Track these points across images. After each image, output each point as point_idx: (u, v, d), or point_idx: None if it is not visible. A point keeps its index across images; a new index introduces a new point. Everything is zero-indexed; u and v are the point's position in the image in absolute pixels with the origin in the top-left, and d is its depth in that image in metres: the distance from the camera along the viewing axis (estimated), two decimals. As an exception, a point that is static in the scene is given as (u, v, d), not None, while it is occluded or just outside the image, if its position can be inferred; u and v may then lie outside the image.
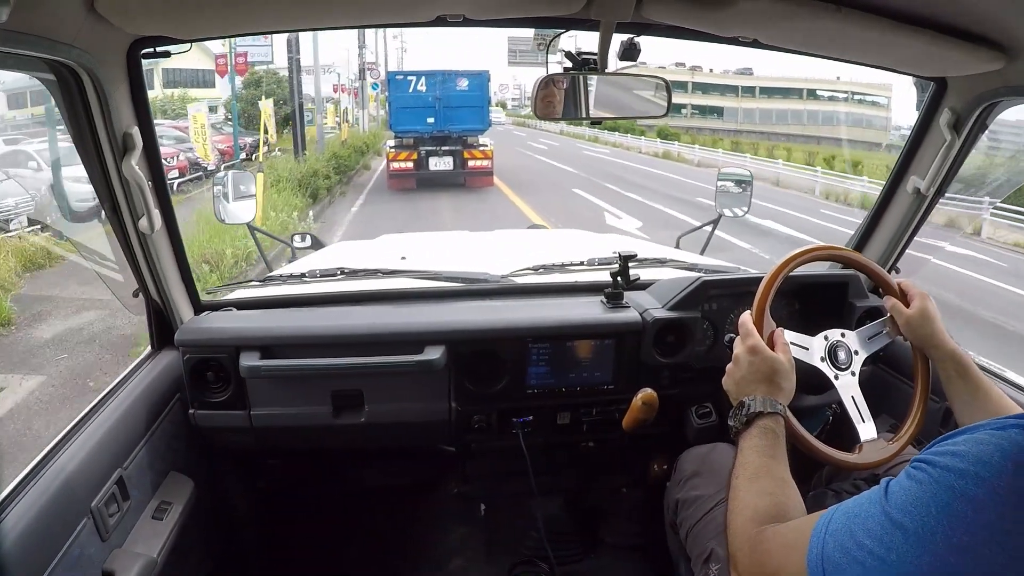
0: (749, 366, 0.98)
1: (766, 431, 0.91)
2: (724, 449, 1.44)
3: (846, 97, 37.13)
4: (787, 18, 1.06)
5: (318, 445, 1.72)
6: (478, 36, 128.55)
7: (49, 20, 0.87)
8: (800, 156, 23.93)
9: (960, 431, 0.66)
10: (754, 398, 0.94)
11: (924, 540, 0.60)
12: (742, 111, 41.35)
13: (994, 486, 0.58)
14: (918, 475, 0.64)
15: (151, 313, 1.46)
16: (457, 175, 13.30)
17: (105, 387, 1.33)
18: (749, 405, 0.94)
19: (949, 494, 0.60)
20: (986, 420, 0.66)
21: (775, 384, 0.96)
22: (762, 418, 0.92)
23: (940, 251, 6.92)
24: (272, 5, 1.04)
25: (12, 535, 0.91)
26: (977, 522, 0.58)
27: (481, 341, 1.50)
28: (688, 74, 41.62)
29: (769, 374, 0.97)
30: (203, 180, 12.42)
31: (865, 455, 1.11)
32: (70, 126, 1.10)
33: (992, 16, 1.03)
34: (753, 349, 0.98)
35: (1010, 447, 0.59)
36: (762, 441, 0.90)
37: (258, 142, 14.74)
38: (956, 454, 0.62)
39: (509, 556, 1.81)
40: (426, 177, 13.01)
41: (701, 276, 1.56)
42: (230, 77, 15.06)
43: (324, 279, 1.76)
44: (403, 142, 13.27)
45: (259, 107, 14.72)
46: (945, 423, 1.42)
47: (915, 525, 0.61)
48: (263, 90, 20.98)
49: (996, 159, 2.27)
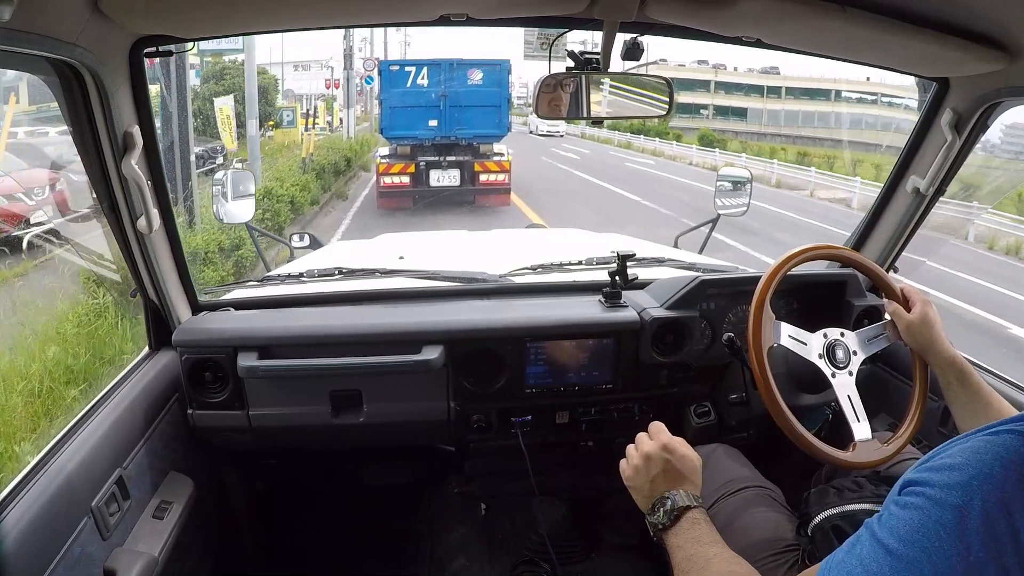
0: (664, 464, 0.95)
1: (697, 522, 0.89)
2: (726, 449, 1.45)
3: (874, 99, 34.60)
4: (790, 18, 1.06)
5: (317, 445, 1.72)
6: (489, 28, 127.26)
7: (52, 19, 0.87)
8: (842, 165, 20.54)
9: (952, 442, 0.63)
10: (676, 493, 0.92)
11: (939, 567, 0.57)
12: (767, 112, 38.66)
13: (1000, 497, 0.56)
14: (914, 501, 0.61)
15: (148, 313, 1.46)
16: (465, 193, 10.50)
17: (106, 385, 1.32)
18: (674, 500, 0.91)
19: (954, 512, 0.57)
20: (977, 427, 0.63)
21: (692, 483, 0.95)
22: (688, 512, 0.90)
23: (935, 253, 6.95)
24: (275, 4, 1.04)
25: (13, 534, 0.91)
26: (989, 536, 0.56)
27: (479, 340, 1.49)
28: (711, 72, 38.91)
29: (690, 472, 0.95)
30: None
31: (859, 455, 1.12)
32: (71, 125, 1.09)
33: (995, 17, 1.03)
34: (668, 447, 0.97)
35: (1007, 454, 0.58)
36: (698, 532, 0.88)
37: (212, 152, 11.81)
38: (953, 467, 0.60)
39: (510, 556, 1.81)
40: (426, 195, 10.24)
41: (699, 275, 1.57)
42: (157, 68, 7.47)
43: (322, 279, 1.75)
44: (397, 150, 10.50)
45: (215, 106, 10.89)
46: (944, 422, 1.42)
47: (927, 555, 0.57)
48: (226, 84, 16.32)
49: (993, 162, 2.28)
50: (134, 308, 4.13)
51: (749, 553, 0.99)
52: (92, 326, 4.21)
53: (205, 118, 14.16)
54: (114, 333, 4.25)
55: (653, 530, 0.92)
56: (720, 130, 34.01)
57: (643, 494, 0.97)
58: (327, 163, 12.29)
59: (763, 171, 17.24)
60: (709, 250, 2.29)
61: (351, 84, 18.97)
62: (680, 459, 0.96)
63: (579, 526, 1.87)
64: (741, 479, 1.32)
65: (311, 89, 25.34)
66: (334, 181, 12.44)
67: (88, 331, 4.14)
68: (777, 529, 1.18)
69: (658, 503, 0.93)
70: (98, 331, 4.20)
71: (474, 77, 10.19)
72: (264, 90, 16.64)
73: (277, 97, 18.87)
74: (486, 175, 10.37)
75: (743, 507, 1.24)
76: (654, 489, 0.95)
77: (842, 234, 4.66)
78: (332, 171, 12.40)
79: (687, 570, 0.85)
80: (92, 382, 3.69)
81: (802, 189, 16.18)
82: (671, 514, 0.90)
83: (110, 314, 4.33)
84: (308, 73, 25.46)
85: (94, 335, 4.15)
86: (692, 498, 0.92)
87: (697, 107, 37.48)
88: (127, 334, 4.25)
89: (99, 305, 4.38)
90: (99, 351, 4.03)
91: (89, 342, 4.05)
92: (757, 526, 1.19)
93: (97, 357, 3.98)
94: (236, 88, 14.82)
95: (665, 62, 35.77)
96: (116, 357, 3.97)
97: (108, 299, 4.36)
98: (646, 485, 0.96)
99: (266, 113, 16.62)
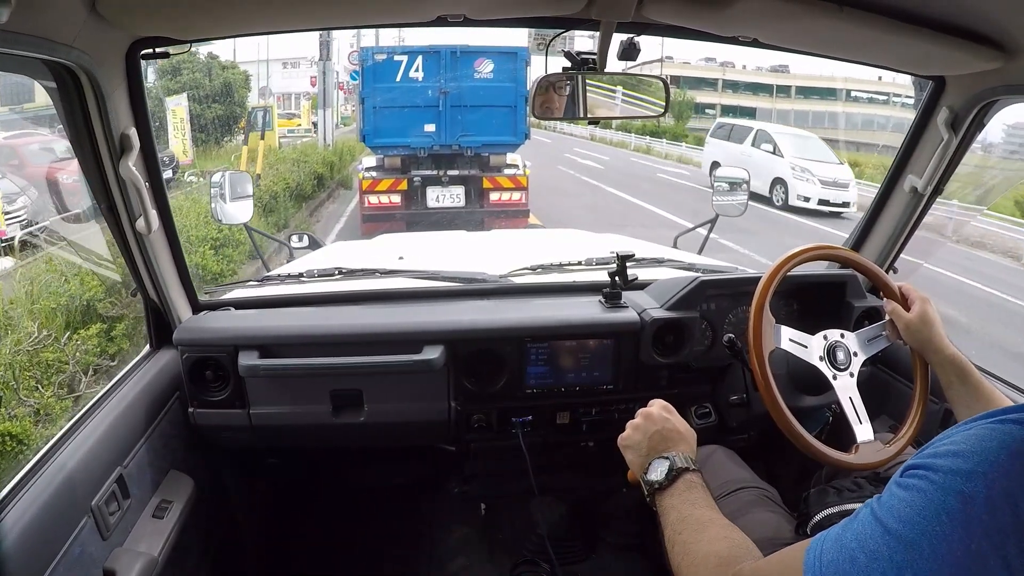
0: (665, 423, 0.97)
1: (693, 485, 0.89)
2: (723, 450, 1.45)
3: (885, 99, 32.68)
4: (787, 18, 1.06)
5: (318, 444, 1.72)
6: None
7: (49, 21, 0.87)
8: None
9: (954, 429, 0.63)
10: (675, 454, 0.92)
11: (938, 551, 0.56)
12: (776, 112, 36.04)
13: (1005, 487, 0.55)
14: (917, 483, 0.60)
15: (149, 312, 1.46)
16: (472, 215, 7.97)
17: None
18: (673, 460, 0.91)
19: (958, 499, 0.56)
20: (980, 414, 0.62)
21: (690, 446, 0.96)
22: (686, 473, 0.90)
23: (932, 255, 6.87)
24: (273, 5, 1.04)
25: (13, 533, 0.91)
26: (993, 525, 0.55)
27: (479, 341, 1.50)
28: (719, 71, 36.83)
29: (688, 435, 0.97)
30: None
31: (861, 456, 1.12)
32: (67, 126, 1.09)
33: (990, 15, 1.03)
34: (668, 408, 0.99)
35: (1013, 443, 0.57)
36: (694, 494, 0.88)
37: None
38: (957, 454, 0.59)
39: (510, 556, 1.81)
40: (422, 219, 7.64)
41: (699, 276, 1.57)
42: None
43: (322, 279, 1.76)
44: (385, 163, 7.92)
45: (167, 108, 9.30)
46: (945, 424, 1.42)
47: (926, 538, 0.57)
48: (183, 81, 13.50)
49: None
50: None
51: None
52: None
53: (158, 122, 10.85)
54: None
55: (648, 489, 0.92)
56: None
57: (640, 452, 0.97)
58: (290, 182, 9.07)
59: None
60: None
61: (328, 78, 14.83)
62: (679, 420, 0.98)
63: (579, 526, 1.87)
64: (739, 480, 1.32)
65: (300, 87, 23.57)
66: (295, 211, 8.97)
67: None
68: (776, 529, 1.18)
69: (655, 462, 0.93)
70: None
71: (483, 69, 7.65)
72: (230, 87, 14.52)
73: (247, 95, 15.99)
74: (497, 193, 7.86)
75: (741, 508, 1.24)
76: (651, 448, 0.95)
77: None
78: (292, 195, 9.04)
79: (680, 531, 0.84)
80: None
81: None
82: (669, 474, 0.90)
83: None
84: (298, 71, 24.28)
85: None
86: (689, 460, 0.92)
87: (702, 106, 36.58)
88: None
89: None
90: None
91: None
92: (756, 526, 1.19)
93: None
94: (195, 85, 13.03)
95: (671, 59, 34.89)
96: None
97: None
98: (644, 443, 0.96)
99: (233, 115, 14.27)
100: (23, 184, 7.00)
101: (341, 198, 11.56)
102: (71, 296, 4.15)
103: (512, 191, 7.86)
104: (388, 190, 7.67)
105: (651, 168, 18.72)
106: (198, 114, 10.26)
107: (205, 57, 14.56)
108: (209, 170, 8.28)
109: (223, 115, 13.70)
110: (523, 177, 7.90)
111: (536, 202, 8.65)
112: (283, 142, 14.76)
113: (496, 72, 7.62)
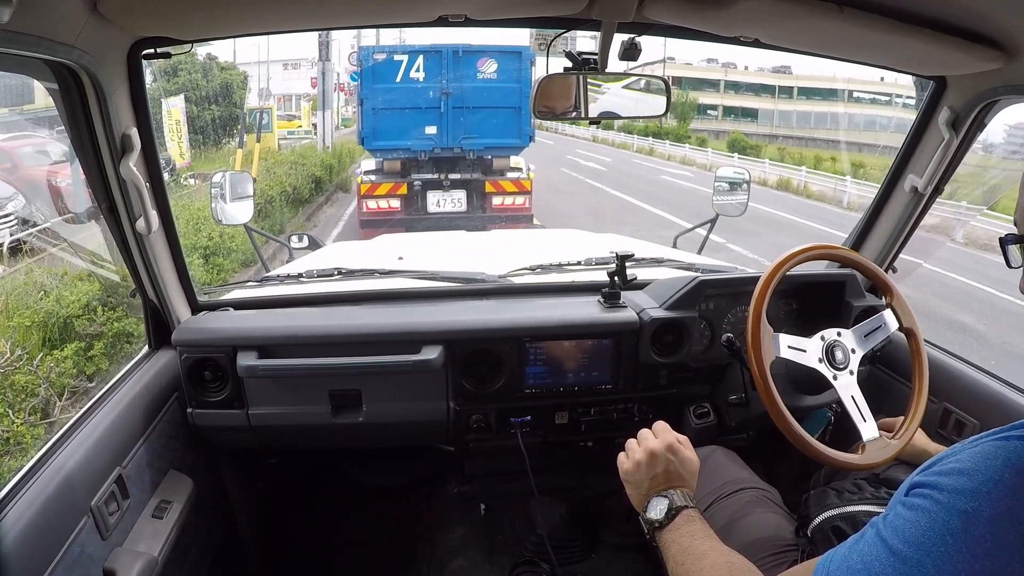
0: (668, 464, 0.97)
1: (692, 519, 0.91)
2: (723, 451, 1.45)
3: (888, 100, 32.46)
4: (788, 18, 1.06)
5: (317, 444, 1.72)
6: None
7: (51, 21, 0.87)
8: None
9: (960, 446, 0.63)
10: (674, 493, 0.94)
11: (943, 571, 0.56)
12: (778, 113, 36.45)
13: (1010, 505, 0.55)
14: (922, 503, 0.60)
15: (148, 313, 1.46)
16: (474, 219, 7.76)
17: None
18: (672, 499, 0.93)
19: (961, 518, 0.56)
20: (986, 432, 0.62)
21: (690, 485, 0.97)
22: (685, 510, 0.92)
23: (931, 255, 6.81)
24: (274, 5, 1.04)
25: (13, 533, 0.91)
26: (996, 544, 0.55)
27: (478, 341, 1.50)
28: (721, 72, 36.83)
29: (689, 475, 0.98)
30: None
31: (868, 455, 1.12)
32: (69, 127, 1.09)
33: (991, 16, 1.03)
34: (672, 449, 0.99)
35: (1018, 461, 0.57)
36: (693, 527, 0.89)
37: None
38: (962, 472, 0.58)
39: (510, 556, 1.81)
40: (422, 223, 7.38)
41: (698, 276, 1.57)
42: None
43: (321, 279, 1.76)
44: (384, 166, 7.82)
45: (164, 110, 9.18)
46: (943, 424, 1.42)
47: (931, 559, 0.57)
48: (180, 82, 13.12)
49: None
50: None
51: (747, 553, 0.99)
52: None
53: (155, 124, 11.27)
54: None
55: (648, 527, 0.94)
56: (749, 134, 31.59)
57: (640, 490, 0.98)
58: (286, 185, 8.89)
59: (829, 187, 15.27)
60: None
61: (327, 79, 14.82)
62: (682, 461, 0.98)
63: (579, 526, 1.87)
64: (739, 480, 1.32)
65: (300, 89, 23.01)
66: (291, 216, 8.84)
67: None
68: (776, 529, 1.18)
69: (654, 500, 0.94)
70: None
71: (486, 69, 7.45)
72: (228, 88, 14.37)
73: (244, 96, 15.82)
74: (500, 198, 7.69)
75: (741, 508, 1.24)
76: (652, 487, 0.97)
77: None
78: (288, 199, 8.90)
79: (682, 562, 0.85)
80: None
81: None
82: (669, 512, 0.92)
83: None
84: (298, 72, 24.19)
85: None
86: (688, 499, 0.94)
87: (704, 107, 35.72)
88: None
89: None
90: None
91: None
92: (755, 527, 1.19)
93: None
94: (192, 87, 12.83)
95: (673, 60, 34.84)
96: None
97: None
98: (645, 482, 0.98)
99: (231, 117, 14.11)
100: (11, 192, 6.89)
101: (339, 202, 11.45)
102: (47, 313, 4.02)
103: (515, 195, 7.72)
104: (387, 194, 7.54)
105: (653, 169, 18.56)
106: (195, 116, 10.22)
107: (203, 58, 14.40)
108: (203, 172, 8.63)
109: (221, 117, 13.56)
110: (527, 181, 7.74)
111: (539, 206, 8.54)
112: (283, 144, 14.70)
113: (500, 72, 7.45)
